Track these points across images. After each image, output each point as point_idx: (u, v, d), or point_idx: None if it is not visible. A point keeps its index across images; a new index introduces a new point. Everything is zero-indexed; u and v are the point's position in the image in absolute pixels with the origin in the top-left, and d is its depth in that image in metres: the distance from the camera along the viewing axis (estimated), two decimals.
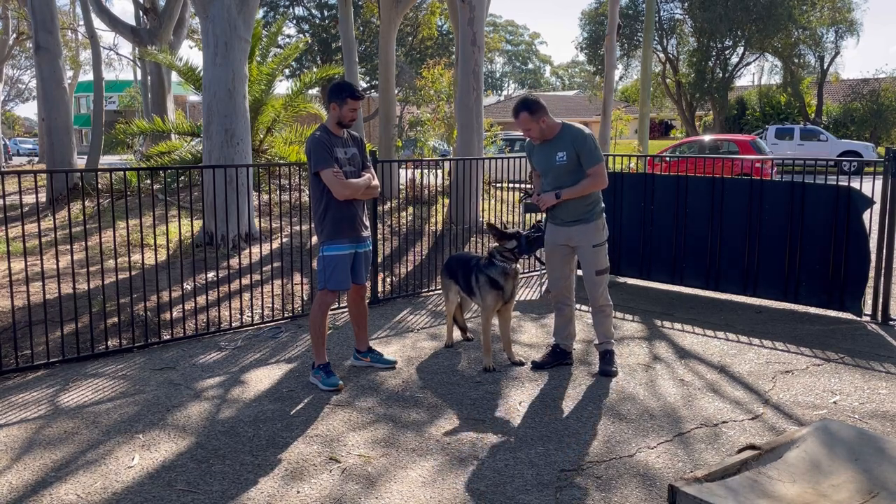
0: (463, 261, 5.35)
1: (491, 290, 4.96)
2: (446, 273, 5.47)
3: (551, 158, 4.79)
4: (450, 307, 5.52)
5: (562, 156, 4.74)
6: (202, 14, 8.49)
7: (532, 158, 5.02)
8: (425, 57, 32.74)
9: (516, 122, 4.74)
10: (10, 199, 12.80)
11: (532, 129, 4.72)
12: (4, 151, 31.77)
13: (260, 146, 13.45)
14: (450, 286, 5.40)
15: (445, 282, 5.46)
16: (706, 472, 3.10)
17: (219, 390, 4.64)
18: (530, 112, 4.67)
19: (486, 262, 5.05)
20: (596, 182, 4.75)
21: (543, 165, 4.86)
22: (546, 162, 4.83)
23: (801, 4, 32.91)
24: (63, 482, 3.46)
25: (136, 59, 26.21)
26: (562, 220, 4.88)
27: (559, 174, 4.78)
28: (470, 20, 10.28)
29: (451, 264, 5.48)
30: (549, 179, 4.86)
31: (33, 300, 5.75)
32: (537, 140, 4.81)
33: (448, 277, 5.42)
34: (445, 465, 3.64)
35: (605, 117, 19.15)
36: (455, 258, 5.59)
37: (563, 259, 4.99)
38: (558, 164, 4.76)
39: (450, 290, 5.41)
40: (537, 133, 4.75)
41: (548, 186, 4.86)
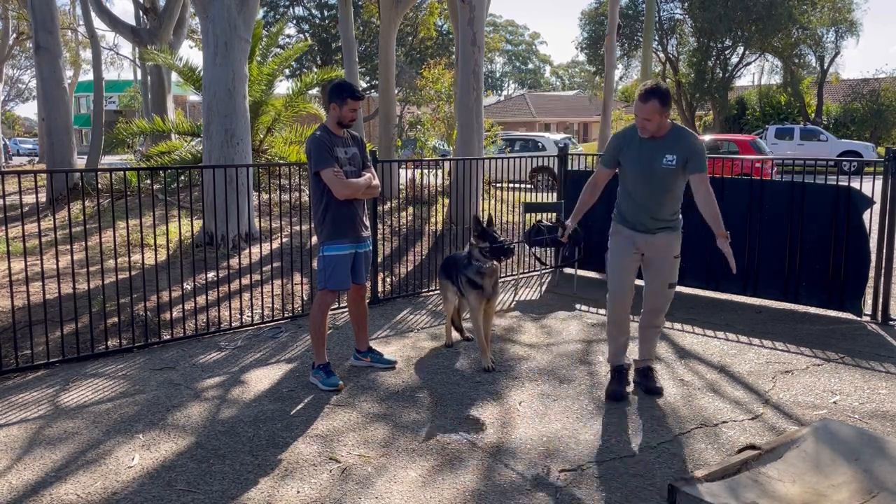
0: (456, 261, 5.32)
1: (472, 290, 4.94)
2: (443, 274, 5.46)
3: (656, 160, 4.22)
4: (448, 308, 5.52)
5: (670, 159, 4.19)
6: (202, 14, 8.49)
7: (622, 155, 4.37)
8: (425, 57, 32.75)
9: (641, 108, 4.13)
10: (10, 199, 12.80)
11: (653, 120, 4.14)
12: (4, 151, 31.77)
13: (260, 146, 13.45)
14: (447, 287, 5.39)
15: (443, 283, 5.46)
16: (706, 472, 3.11)
17: (219, 390, 4.64)
18: (662, 102, 4.12)
19: (465, 261, 5.02)
20: (712, 192, 4.22)
21: (641, 165, 4.27)
22: (647, 162, 4.24)
23: (802, 4, 32.90)
24: (63, 482, 3.46)
25: (136, 59, 26.22)
26: (645, 226, 4.34)
27: (660, 179, 4.24)
28: (470, 20, 10.28)
29: (448, 265, 5.46)
30: (643, 183, 4.29)
31: (33, 300, 5.75)
32: (648, 134, 4.21)
33: (445, 278, 5.42)
34: (445, 465, 3.64)
35: (605, 117, 19.15)
36: (451, 259, 5.54)
37: (634, 268, 4.46)
38: (664, 168, 4.21)
39: (447, 290, 5.41)
40: (655, 127, 4.17)
41: (638, 191, 4.31)
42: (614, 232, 4.48)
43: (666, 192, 4.28)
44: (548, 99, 55.56)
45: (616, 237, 4.47)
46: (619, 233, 4.45)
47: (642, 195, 4.31)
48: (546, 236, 7.41)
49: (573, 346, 5.57)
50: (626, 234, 4.40)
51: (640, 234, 4.35)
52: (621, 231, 4.44)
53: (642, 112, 4.15)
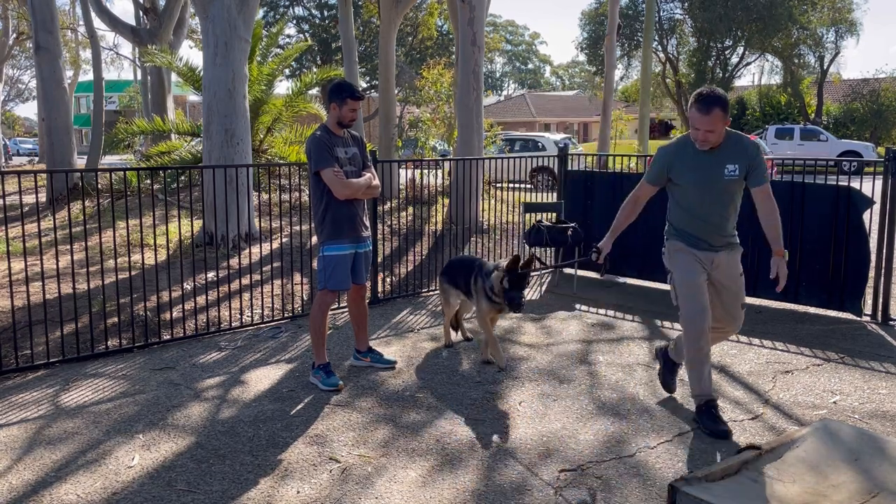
0: (465, 264, 5.27)
1: (486, 299, 4.88)
2: (446, 278, 5.40)
3: (717, 171, 3.89)
4: (449, 311, 5.53)
5: (732, 169, 3.88)
6: (202, 14, 8.49)
7: (674, 170, 4.02)
8: (425, 57, 32.76)
9: (702, 119, 3.77)
10: (10, 199, 12.80)
11: (717, 131, 3.80)
12: (4, 151, 31.77)
13: (260, 146, 13.45)
14: (449, 291, 5.36)
15: (445, 286, 5.42)
16: (706, 472, 3.10)
17: (219, 390, 4.64)
18: (724, 109, 3.77)
19: (488, 271, 4.90)
20: (776, 206, 3.95)
21: (701, 179, 3.93)
22: (707, 175, 3.92)
23: (802, 4, 32.91)
24: (63, 482, 3.46)
25: (136, 59, 26.22)
26: (708, 244, 4.04)
27: (723, 191, 3.94)
28: (470, 20, 10.28)
29: (452, 268, 5.42)
30: (705, 197, 3.97)
31: (33, 300, 5.75)
32: (710, 146, 3.87)
33: (447, 282, 5.37)
34: (445, 465, 3.64)
35: (605, 117, 19.17)
36: (456, 262, 5.52)
37: (705, 285, 4.07)
38: (727, 179, 3.89)
39: (449, 294, 5.38)
40: (716, 138, 3.84)
41: (700, 206, 4.00)
42: (675, 250, 4.11)
43: (729, 204, 3.99)
44: (548, 99, 55.56)
45: (678, 255, 4.09)
46: (679, 251, 4.09)
47: (705, 211, 3.98)
48: (546, 236, 7.43)
49: (573, 346, 5.57)
50: (689, 251, 4.06)
51: (704, 252, 4.03)
52: (682, 248, 4.08)
53: (704, 123, 3.77)
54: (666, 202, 7.56)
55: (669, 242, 4.18)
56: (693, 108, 3.81)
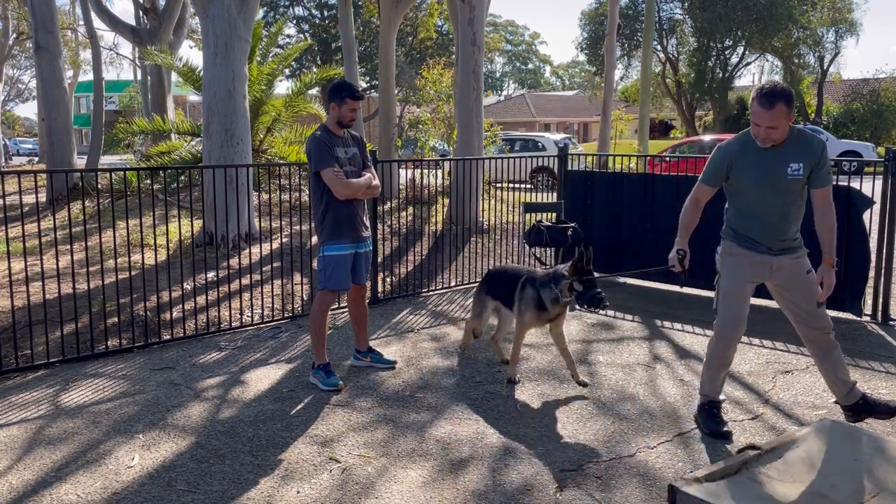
0: (509, 274, 5.01)
1: (533, 309, 4.60)
2: (485, 289, 5.14)
3: (780, 170, 3.69)
4: (477, 324, 5.26)
5: (796, 168, 3.67)
6: (202, 14, 8.49)
7: (734, 169, 3.80)
8: (425, 57, 32.77)
9: (765, 115, 3.57)
10: (10, 199, 12.80)
11: (781, 128, 3.59)
12: (4, 151, 31.77)
13: (260, 146, 13.45)
14: (485, 303, 5.11)
15: (482, 298, 5.15)
16: (706, 472, 3.10)
17: (219, 390, 4.64)
18: (788, 104, 3.56)
19: (543, 280, 4.59)
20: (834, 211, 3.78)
21: (764, 178, 3.73)
22: (770, 173, 3.71)
23: (802, 4, 32.92)
24: (63, 482, 3.46)
25: (136, 59, 26.22)
26: (769, 247, 3.83)
27: (786, 191, 3.73)
28: (470, 20, 10.28)
29: (493, 279, 5.17)
30: (768, 198, 3.76)
31: (33, 300, 5.75)
32: (772, 143, 3.68)
33: (485, 293, 5.12)
34: (445, 465, 3.64)
35: (605, 117, 19.17)
36: (499, 272, 5.30)
37: (749, 294, 3.96)
38: (791, 178, 3.69)
39: (485, 307, 5.13)
40: (780, 135, 3.64)
41: (762, 207, 3.79)
42: (729, 252, 3.93)
43: (793, 204, 3.77)
44: (548, 99, 55.57)
45: (732, 258, 3.92)
46: (733, 254, 3.92)
47: (767, 212, 3.77)
48: (546, 236, 7.43)
49: (573, 347, 5.57)
50: (743, 255, 3.86)
51: (764, 255, 3.83)
52: (737, 252, 3.90)
53: (767, 120, 3.56)
54: (665, 206, 7.56)
55: (725, 243, 3.98)
56: (755, 103, 3.61)
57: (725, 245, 3.97)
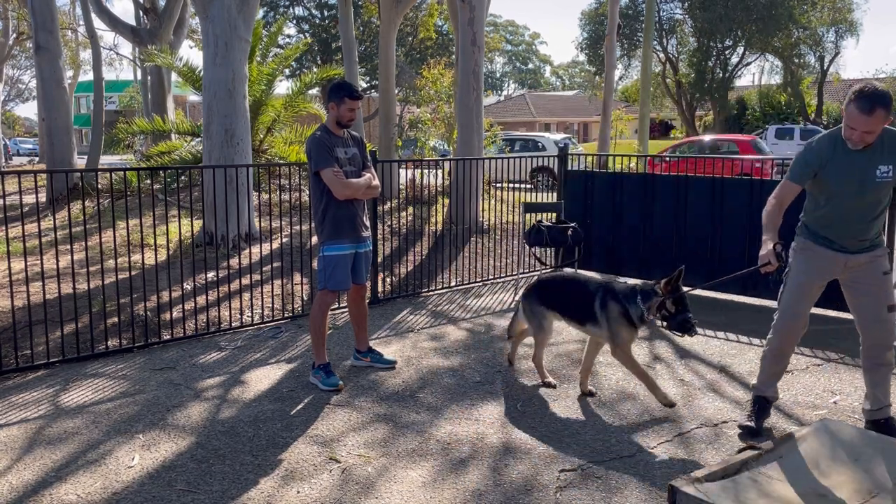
0: (572, 284, 4.61)
1: (626, 325, 4.22)
2: (537, 298, 4.66)
3: (869, 172, 3.58)
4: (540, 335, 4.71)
5: (886, 170, 3.57)
6: (202, 14, 8.49)
7: (825, 169, 3.66)
8: (425, 57, 32.76)
9: (864, 120, 3.44)
10: (10, 199, 12.80)
11: (876, 132, 3.50)
12: (4, 151, 31.76)
13: (260, 146, 13.45)
14: (545, 313, 4.62)
15: (536, 308, 4.65)
16: (706, 472, 3.10)
17: (219, 390, 4.64)
18: (888, 109, 3.42)
19: (626, 292, 4.23)
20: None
21: (853, 179, 3.61)
22: (859, 177, 3.60)
23: (802, 4, 32.93)
24: (63, 482, 3.46)
25: (136, 59, 26.22)
26: (845, 247, 3.74)
27: (872, 193, 3.63)
28: (470, 20, 10.28)
29: (549, 288, 4.74)
30: (853, 199, 3.65)
31: (33, 300, 5.75)
32: (862, 145, 3.57)
33: (539, 303, 4.64)
34: (445, 465, 3.64)
35: (605, 117, 19.17)
36: (557, 281, 4.88)
37: (818, 296, 3.90)
38: (879, 181, 3.59)
39: (545, 317, 4.63)
40: (873, 139, 3.56)
41: (846, 208, 3.67)
42: (803, 248, 3.86)
43: (878, 206, 3.70)
44: (548, 99, 55.57)
45: (802, 255, 3.86)
46: (806, 250, 3.84)
47: (850, 213, 3.68)
48: (546, 236, 7.43)
49: (573, 346, 5.57)
50: (817, 252, 3.79)
51: (840, 253, 3.76)
52: (810, 248, 3.82)
53: (865, 124, 3.44)
54: (665, 205, 7.54)
55: (799, 239, 3.92)
56: (852, 106, 3.46)
57: (800, 241, 3.90)
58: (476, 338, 5.78)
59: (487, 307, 6.80)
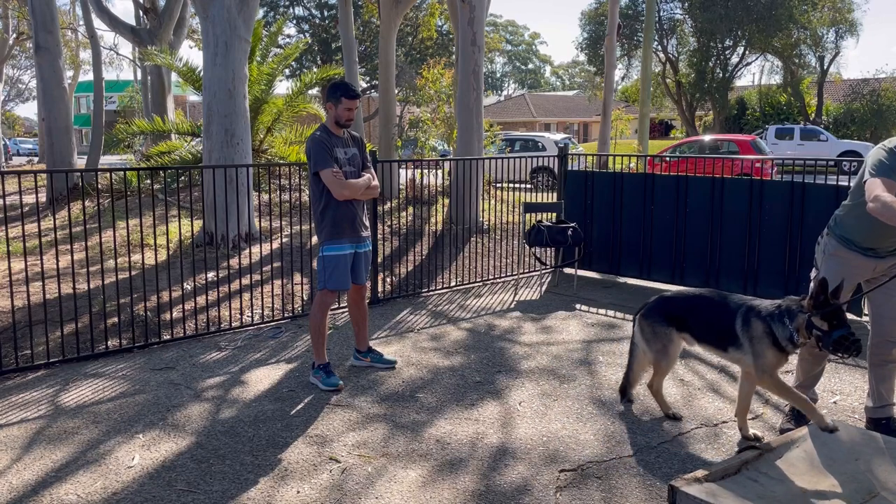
0: (707, 301, 4.01)
1: (773, 349, 3.64)
2: (662, 317, 4.08)
3: None
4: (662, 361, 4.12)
5: None
6: (202, 14, 8.49)
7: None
8: (425, 57, 32.74)
9: None
10: (10, 199, 12.80)
11: None
12: (4, 151, 31.76)
13: (260, 146, 13.45)
14: (671, 335, 4.04)
15: (660, 329, 4.07)
16: (706, 472, 3.10)
17: (219, 390, 4.64)
18: None
19: (771, 310, 3.67)
20: None
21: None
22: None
23: (802, 4, 32.91)
24: (63, 482, 3.46)
25: (136, 59, 26.22)
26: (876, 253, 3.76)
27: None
28: (470, 20, 10.28)
29: (676, 306, 4.12)
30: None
31: (33, 300, 5.75)
32: None
33: (666, 323, 4.05)
34: (445, 465, 3.64)
35: (605, 117, 19.18)
36: (686, 298, 4.19)
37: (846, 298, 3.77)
38: None
39: (671, 340, 4.05)
40: None
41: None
42: (833, 254, 3.83)
43: None
44: (548, 99, 55.57)
45: (833, 260, 3.82)
46: (837, 255, 3.81)
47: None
48: (546, 235, 7.43)
49: (573, 346, 5.57)
50: (848, 258, 3.78)
51: (870, 259, 3.75)
52: (842, 254, 3.79)
53: None
54: (665, 206, 7.53)
55: (831, 242, 3.86)
56: None
57: (831, 244, 3.86)
58: (476, 338, 5.78)
59: (487, 307, 6.80)
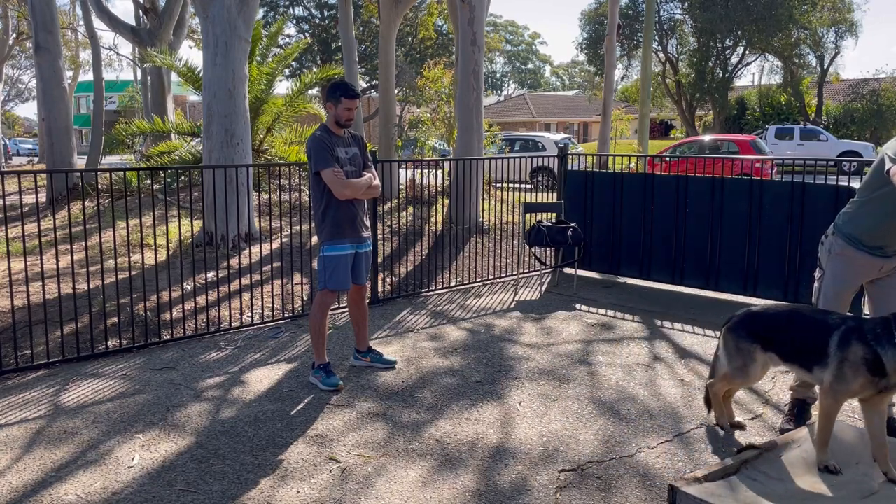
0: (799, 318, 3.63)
1: (866, 373, 3.24)
2: (748, 335, 3.69)
3: None
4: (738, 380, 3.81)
5: None
6: (202, 14, 8.49)
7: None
8: (425, 57, 32.74)
9: None
10: (10, 199, 12.80)
11: None
12: (4, 151, 31.76)
13: (260, 146, 13.45)
14: (754, 354, 3.66)
15: (744, 345, 3.69)
16: (706, 472, 3.11)
17: (219, 390, 4.64)
18: None
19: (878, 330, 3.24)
20: None
21: None
22: None
23: (802, 5, 32.91)
24: (63, 482, 3.46)
25: (136, 60, 26.22)
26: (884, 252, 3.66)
27: None
28: (470, 20, 10.28)
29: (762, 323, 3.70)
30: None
31: (33, 300, 5.75)
32: None
33: (751, 340, 3.67)
34: (445, 465, 3.64)
35: (605, 117, 19.18)
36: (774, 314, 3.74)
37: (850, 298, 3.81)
38: None
39: (753, 359, 3.67)
40: None
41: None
42: (840, 253, 3.76)
43: None
44: (548, 99, 55.59)
45: (839, 260, 3.76)
46: (844, 255, 3.74)
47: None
48: (546, 235, 7.43)
49: (573, 346, 5.57)
50: (856, 258, 3.71)
51: (877, 258, 3.68)
52: (849, 254, 3.72)
53: None
54: (665, 206, 7.53)
55: (838, 242, 3.78)
56: None
57: (838, 244, 3.77)
58: (476, 338, 5.78)
59: (487, 307, 6.80)
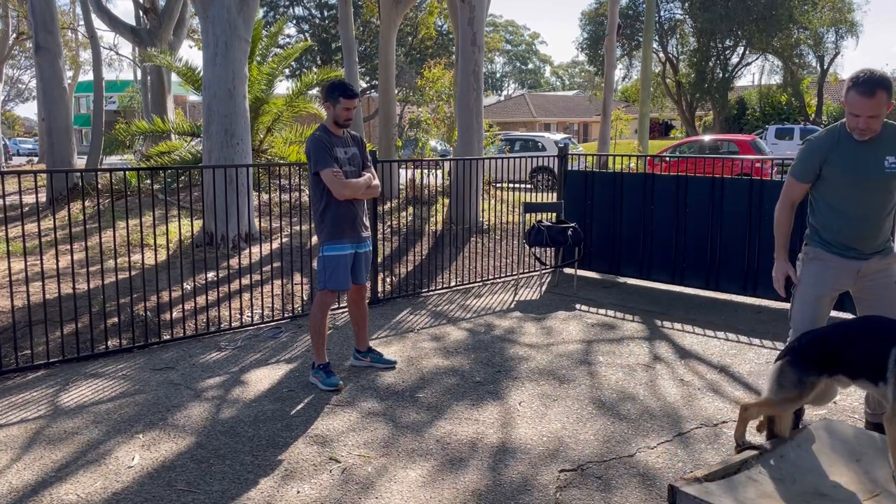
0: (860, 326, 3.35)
1: None
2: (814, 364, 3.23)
3: (876, 164, 3.41)
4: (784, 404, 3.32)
5: (893, 161, 3.42)
6: (202, 14, 8.49)
7: (828, 164, 3.49)
8: (425, 57, 32.74)
9: (864, 104, 3.27)
10: (10, 199, 12.80)
11: (880, 116, 3.32)
12: (4, 151, 31.76)
13: (260, 146, 13.45)
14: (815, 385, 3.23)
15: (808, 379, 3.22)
16: (706, 472, 3.10)
17: (219, 390, 4.64)
18: (889, 92, 3.27)
19: None
20: None
21: (858, 174, 3.44)
22: (865, 169, 3.42)
23: (802, 5, 32.93)
24: (63, 482, 3.46)
25: (136, 59, 26.22)
26: (858, 250, 3.53)
27: (881, 188, 3.46)
28: (470, 20, 10.28)
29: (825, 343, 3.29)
30: (860, 196, 3.48)
31: (33, 300, 5.75)
32: (870, 136, 3.39)
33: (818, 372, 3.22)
34: (445, 465, 3.64)
35: (605, 117, 19.19)
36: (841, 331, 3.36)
37: (831, 306, 3.70)
38: (888, 173, 3.42)
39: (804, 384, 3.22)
40: (878, 125, 3.37)
41: (853, 206, 3.49)
42: (812, 258, 3.65)
43: (888, 203, 3.51)
44: (548, 99, 55.60)
45: (813, 264, 3.64)
46: (818, 259, 3.62)
47: (859, 211, 3.49)
48: (546, 235, 7.43)
49: (573, 346, 5.57)
50: (829, 261, 3.57)
51: (851, 260, 3.55)
52: (823, 258, 3.60)
53: (868, 108, 3.26)
54: (665, 206, 7.53)
55: (808, 248, 3.69)
56: (852, 93, 3.32)
57: (809, 249, 3.69)
58: (476, 338, 5.78)
59: (487, 307, 6.80)
